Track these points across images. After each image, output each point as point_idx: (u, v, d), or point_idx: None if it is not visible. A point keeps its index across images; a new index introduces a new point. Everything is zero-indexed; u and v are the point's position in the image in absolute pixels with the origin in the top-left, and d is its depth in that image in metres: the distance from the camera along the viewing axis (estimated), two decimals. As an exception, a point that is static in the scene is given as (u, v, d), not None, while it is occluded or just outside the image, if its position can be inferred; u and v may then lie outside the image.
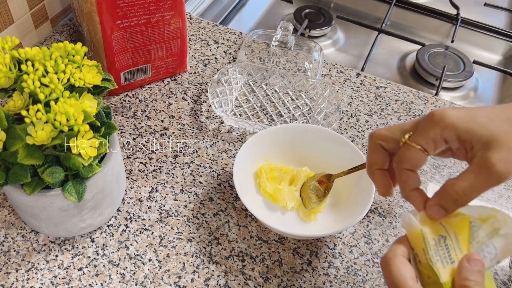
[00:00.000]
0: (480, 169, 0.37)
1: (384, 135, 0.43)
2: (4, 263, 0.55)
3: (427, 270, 0.39)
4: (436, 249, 0.39)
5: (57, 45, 0.48)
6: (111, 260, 0.57)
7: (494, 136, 0.37)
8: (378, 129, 0.44)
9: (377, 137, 0.44)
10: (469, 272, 0.38)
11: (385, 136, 0.43)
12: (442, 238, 0.39)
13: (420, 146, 0.40)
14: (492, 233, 0.40)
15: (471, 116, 0.39)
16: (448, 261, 0.39)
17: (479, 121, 0.38)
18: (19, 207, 0.53)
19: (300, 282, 0.57)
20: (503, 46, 1.07)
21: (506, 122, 0.38)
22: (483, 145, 0.37)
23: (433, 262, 0.38)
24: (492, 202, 0.68)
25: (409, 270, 0.38)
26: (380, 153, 0.44)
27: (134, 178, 0.65)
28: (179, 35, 0.75)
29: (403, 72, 0.98)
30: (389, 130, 0.43)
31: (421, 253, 0.39)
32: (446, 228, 0.40)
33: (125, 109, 0.73)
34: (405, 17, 1.12)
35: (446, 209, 0.39)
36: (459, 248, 0.40)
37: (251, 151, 0.63)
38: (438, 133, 0.39)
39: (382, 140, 0.44)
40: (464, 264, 0.38)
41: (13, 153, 0.45)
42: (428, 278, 0.39)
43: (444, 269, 0.38)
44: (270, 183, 0.63)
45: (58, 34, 0.83)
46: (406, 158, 0.41)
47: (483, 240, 0.40)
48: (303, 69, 0.83)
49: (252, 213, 0.57)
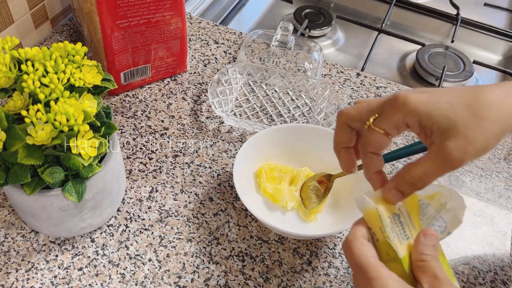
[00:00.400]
0: (437, 156, 0.39)
1: (351, 115, 0.44)
2: (4, 263, 0.55)
3: (386, 247, 0.40)
4: (392, 226, 0.41)
5: (57, 45, 0.48)
6: (111, 260, 0.57)
7: (453, 124, 0.38)
8: (346, 108, 0.45)
9: (344, 116, 0.45)
10: (425, 247, 0.40)
11: (352, 116, 0.44)
12: (396, 216, 0.41)
13: (383, 131, 0.41)
14: (439, 208, 0.42)
15: (434, 101, 0.39)
16: (404, 237, 0.41)
17: (440, 108, 0.39)
18: (19, 207, 0.53)
19: (300, 282, 0.57)
20: (503, 46, 1.07)
21: (466, 109, 0.38)
22: (442, 132, 0.38)
23: (390, 239, 0.40)
24: (492, 202, 0.68)
25: (370, 249, 0.40)
26: (346, 132, 0.45)
27: (134, 178, 0.65)
28: (179, 35, 0.75)
29: (403, 72, 0.98)
30: (357, 110, 0.44)
31: (378, 231, 0.41)
32: (398, 207, 0.42)
33: (125, 109, 0.73)
34: (405, 17, 1.12)
35: (403, 192, 0.41)
36: (412, 225, 0.42)
37: (251, 151, 0.63)
38: (401, 118, 0.40)
39: (348, 120, 0.44)
40: (420, 239, 0.40)
41: (13, 153, 0.45)
42: (387, 255, 0.40)
43: (401, 245, 0.40)
44: (270, 183, 0.63)
45: (58, 34, 0.83)
46: (369, 142, 0.42)
47: (433, 215, 0.42)
48: (303, 69, 0.83)
49: (252, 213, 0.57)
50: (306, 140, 0.66)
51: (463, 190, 0.69)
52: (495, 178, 0.71)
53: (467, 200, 0.68)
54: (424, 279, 0.38)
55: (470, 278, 0.59)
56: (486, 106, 0.38)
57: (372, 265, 0.38)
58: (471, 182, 0.70)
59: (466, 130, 0.38)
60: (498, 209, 0.67)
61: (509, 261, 0.62)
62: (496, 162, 0.73)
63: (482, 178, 0.71)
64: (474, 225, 0.65)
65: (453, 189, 0.43)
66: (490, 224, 0.65)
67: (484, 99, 0.39)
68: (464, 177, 0.71)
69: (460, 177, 0.71)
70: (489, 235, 0.64)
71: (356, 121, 0.44)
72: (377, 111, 0.42)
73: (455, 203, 0.42)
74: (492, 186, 0.70)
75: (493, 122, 0.38)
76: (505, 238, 0.64)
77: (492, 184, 0.70)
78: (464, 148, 0.37)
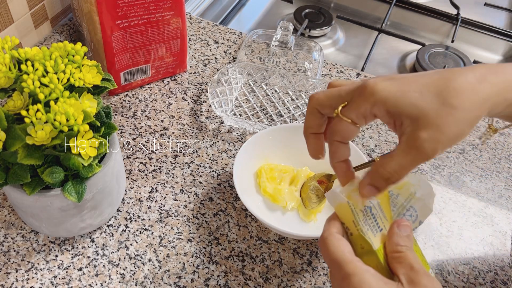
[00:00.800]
0: (409, 148, 0.37)
1: (322, 101, 0.43)
2: (4, 263, 0.55)
3: (360, 240, 0.40)
4: (364, 219, 0.41)
5: (57, 45, 0.48)
6: (111, 260, 0.56)
7: (423, 114, 0.37)
8: (317, 92, 0.44)
9: (314, 101, 0.44)
10: (399, 238, 0.40)
11: (322, 102, 0.43)
12: (368, 208, 0.41)
13: (350, 120, 0.40)
14: (409, 197, 0.42)
15: (403, 90, 0.38)
16: (377, 229, 0.41)
17: (410, 97, 0.37)
18: (19, 207, 0.53)
19: (300, 282, 0.57)
20: (503, 46, 1.07)
21: (437, 97, 0.37)
22: (412, 122, 0.37)
23: (364, 232, 0.40)
24: (492, 202, 0.68)
25: (345, 245, 0.40)
26: (316, 117, 0.44)
27: (134, 178, 0.65)
28: (179, 35, 0.75)
29: (403, 72, 0.98)
30: (327, 96, 0.43)
31: (351, 225, 0.41)
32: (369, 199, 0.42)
33: (125, 109, 0.73)
34: (405, 17, 1.12)
35: (378, 188, 0.40)
36: (383, 216, 0.42)
37: (251, 151, 0.63)
38: (368, 108, 0.39)
39: (319, 105, 0.43)
40: (394, 230, 0.40)
41: (13, 153, 0.45)
42: (362, 249, 0.40)
43: (374, 237, 0.40)
44: (270, 183, 0.63)
45: (58, 34, 0.83)
46: (337, 131, 0.41)
47: (403, 205, 0.42)
48: (303, 69, 0.83)
49: (252, 213, 0.57)
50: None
51: (463, 190, 0.69)
52: (495, 178, 0.71)
53: (467, 200, 0.68)
54: (400, 271, 0.38)
55: (470, 278, 0.59)
56: (458, 93, 0.37)
57: (348, 260, 0.38)
58: (471, 182, 0.70)
59: (437, 119, 0.36)
60: (498, 209, 0.67)
61: (509, 261, 0.62)
62: (496, 162, 0.73)
63: (482, 178, 0.71)
64: (474, 225, 0.65)
65: (422, 177, 0.42)
66: (490, 224, 0.65)
67: (455, 86, 0.37)
68: (464, 177, 0.71)
69: (460, 177, 0.71)
70: (489, 235, 0.64)
71: (326, 107, 0.43)
72: (347, 98, 0.41)
73: (424, 191, 0.42)
74: (492, 186, 0.70)
75: (466, 109, 0.36)
76: (505, 238, 0.64)
77: (492, 184, 0.70)
78: (436, 138, 0.36)
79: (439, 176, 0.70)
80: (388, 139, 0.74)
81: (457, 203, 0.67)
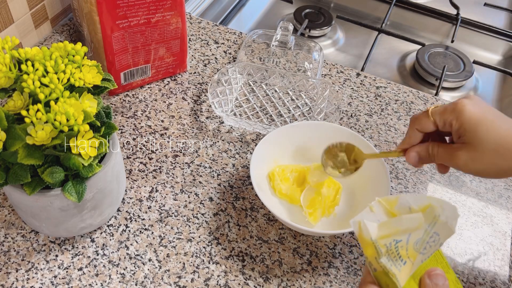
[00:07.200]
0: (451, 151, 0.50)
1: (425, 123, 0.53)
2: (4, 263, 0.55)
3: (385, 277, 0.39)
4: (387, 255, 0.39)
5: (57, 45, 0.48)
6: (111, 260, 0.57)
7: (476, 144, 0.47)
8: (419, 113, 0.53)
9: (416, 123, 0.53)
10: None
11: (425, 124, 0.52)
12: (393, 242, 0.39)
13: (433, 119, 0.50)
14: (433, 221, 0.40)
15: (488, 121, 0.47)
16: (400, 264, 0.39)
17: (488, 129, 0.47)
18: (19, 207, 0.53)
19: (300, 282, 0.57)
20: (503, 46, 1.07)
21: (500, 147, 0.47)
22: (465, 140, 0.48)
23: (388, 269, 0.38)
24: (492, 202, 0.68)
25: None
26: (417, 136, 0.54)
27: (134, 178, 0.65)
28: (179, 35, 0.75)
29: (403, 72, 0.98)
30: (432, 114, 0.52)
31: (374, 261, 0.39)
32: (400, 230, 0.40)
33: (125, 109, 0.73)
34: (405, 17, 1.12)
35: (421, 157, 0.52)
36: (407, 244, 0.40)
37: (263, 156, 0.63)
38: (449, 119, 0.49)
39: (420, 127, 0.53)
40: (426, 282, 0.39)
41: (13, 153, 0.45)
42: (387, 286, 0.39)
43: (399, 272, 0.38)
44: (284, 184, 0.63)
45: (58, 34, 0.83)
46: (420, 121, 0.51)
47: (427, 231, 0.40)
48: (303, 69, 0.83)
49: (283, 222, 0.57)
50: (312, 136, 0.65)
51: (463, 190, 0.69)
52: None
53: (467, 200, 0.68)
54: None
55: (470, 278, 0.59)
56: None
57: None
58: (471, 182, 0.70)
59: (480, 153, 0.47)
60: (498, 209, 0.67)
61: (509, 261, 0.62)
62: (496, 162, 0.73)
63: (482, 178, 0.71)
64: (474, 225, 0.65)
65: (444, 200, 0.41)
66: (490, 224, 0.65)
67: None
68: (464, 177, 0.71)
69: (460, 177, 0.71)
70: (489, 235, 0.64)
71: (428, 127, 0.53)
72: (442, 108, 0.50)
73: (448, 213, 0.40)
74: (492, 186, 0.70)
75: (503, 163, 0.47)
76: (505, 238, 0.64)
77: (492, 184, 0.70)
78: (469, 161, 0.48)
79: (439, 176, 0.70)
80: (388, 139, 0.74)
81: (457, 203, 0.67)
